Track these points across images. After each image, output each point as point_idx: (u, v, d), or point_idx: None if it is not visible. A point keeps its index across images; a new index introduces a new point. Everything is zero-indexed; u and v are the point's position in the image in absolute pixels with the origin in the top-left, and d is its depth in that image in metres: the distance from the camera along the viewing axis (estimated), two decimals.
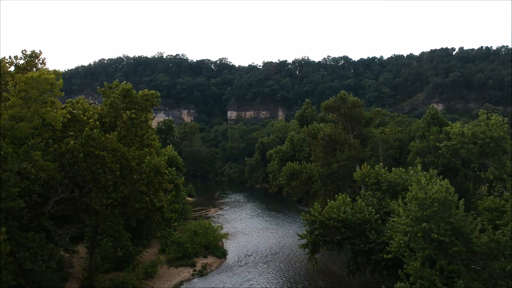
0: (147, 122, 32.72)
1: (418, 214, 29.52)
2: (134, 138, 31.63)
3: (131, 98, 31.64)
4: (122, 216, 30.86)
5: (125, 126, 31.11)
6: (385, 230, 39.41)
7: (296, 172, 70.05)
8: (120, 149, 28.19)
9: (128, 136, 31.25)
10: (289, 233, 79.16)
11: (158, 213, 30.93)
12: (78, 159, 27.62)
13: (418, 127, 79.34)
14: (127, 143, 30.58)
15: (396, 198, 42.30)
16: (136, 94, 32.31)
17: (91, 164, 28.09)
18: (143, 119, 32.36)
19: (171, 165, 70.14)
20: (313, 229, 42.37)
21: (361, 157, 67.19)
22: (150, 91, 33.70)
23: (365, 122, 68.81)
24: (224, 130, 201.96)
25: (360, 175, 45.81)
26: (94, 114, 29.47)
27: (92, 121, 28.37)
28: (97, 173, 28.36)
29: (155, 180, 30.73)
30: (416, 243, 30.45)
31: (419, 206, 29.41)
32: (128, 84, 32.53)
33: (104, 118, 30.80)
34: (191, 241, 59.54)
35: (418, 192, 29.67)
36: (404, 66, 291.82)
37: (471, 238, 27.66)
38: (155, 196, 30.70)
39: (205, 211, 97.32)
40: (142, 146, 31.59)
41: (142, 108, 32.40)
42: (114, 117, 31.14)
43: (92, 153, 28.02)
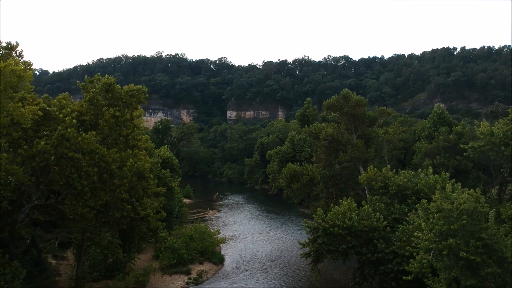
0: (132, 120, 29.17)
1: (444, 228, 25.72)
2: (117, 138, 28.21)
3: (114, 94, 27.98)
4: (102, 226, 27.44)
5: (108, 125, 27.90)
6: (394, 238, 36.25)
7: (296, 173, 66.93)
8: (98, 151, 25.22)
9: (111, 136, 28.04)
10: (289, 236, 76.20)
11: (143, 222, 27.22)
12: (49, 162, 24.34)
13: (424, 127, 76.32)
14: (110, 144, 27.35)
15: (405, 203, 39.21)
16: (120, 90, 28.67)
17: (65, 168, 24.69)
18: (128, 117, 29.12)
19: (166, 167, 67.05)
20: (316, 237, 39.02)
21: (365, 158, 64.10)
22: (136, 86, 30.11)
23: (369, 122, 65.65)
24: (223, 130, 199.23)
25: (366, 178, 42.60)
26: (73, 111, 26.21)
27: (68, 119, 25.12)
28: (71, 178, 25.05)
29: (138, 185, 27.23)
30: (441, 262, 26.30)
31: (445, 219, 25.74)
32: (111, 78, 28.64)
33: (83, 116, 27.27)
34: (187, 246, 56.45)
35: (443, 202, 25.97)
36: (405, 66, 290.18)
37: (507, 257, 23.91)
38: (140, 203, 27.31)
39: (203, 214, 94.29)
40: (127, 147, 28.21)
41: (127, 105, 28.75)
42: (95, 115, 27.60)
43: (66, 155, 24.65)
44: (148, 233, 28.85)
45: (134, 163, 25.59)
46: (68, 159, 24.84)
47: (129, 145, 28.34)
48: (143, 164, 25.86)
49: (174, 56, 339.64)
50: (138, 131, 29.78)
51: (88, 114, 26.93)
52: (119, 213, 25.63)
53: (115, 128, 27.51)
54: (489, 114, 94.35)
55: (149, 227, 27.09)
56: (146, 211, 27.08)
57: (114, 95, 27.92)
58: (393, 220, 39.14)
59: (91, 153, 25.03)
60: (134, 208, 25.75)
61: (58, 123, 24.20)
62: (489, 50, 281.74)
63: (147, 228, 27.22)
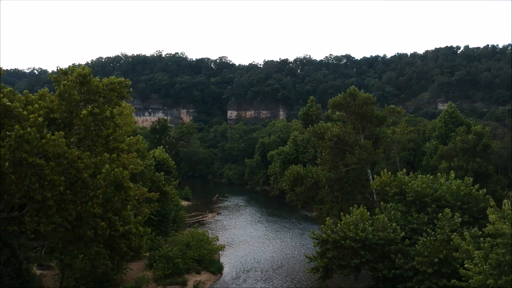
0: (113, 118, 24.72)
1: (505, 258, 20.73)
2: (96, 140, 24.10)
3: (91, 87, 23.79)
4: (73, 245, 23.00)
5: (84, 124, 23.66)
6: (413, 252, 32.10)
7: (300, 176, 62.85)
8: (67, 155, 20.56)
9: (88, 137, 23.97)
10: (292, 241, 72.46)
11: (122, 240, 22.75)
12: (4, 169, 19.69)
13: (434, 126, 72.32)
14: (87, 147, 23.13)
15: (424, 212, 35.07)
16: (98, 82, 24.16)
17: (23, 176, 20.14)
18: (108, 115, 24.90)
19: (161, 169, 63.01)
20: (325, 250, 34.65)
21: (373, 160, 60.12)
22: (118, 78, 25.67)
23: (378, 121, 61.61)
24: (224, 130, 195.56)
25: (380, 183, 38.39)
26: (43, 108, 21.92)
27: (33, 117, 20.70)
28: (31, 188, 20.28)
29: (115, 197, 22.07)
30: None
31: (506, 247, 20.75)
32: (86, 69, 24.01)
33: (53, 114, 22.97)
34: (183, 255, 52.44)
35: (502, 225, 20.61)
36: (408, 65, 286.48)
37: None
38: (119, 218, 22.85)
39: (202, 217, 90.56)
40: (107, 150, 23.89)
41: (107, 101, 24.76)
42: (68, 112, 23.31)
43: (25, 161, 19.94)
44: (129, 253, 23.95)
45: (111, 170, 21.35)
46: (28, 166, 20.07)
47: (109, 148, 23.96)
48: (122, 171, 21.15)
49: (174, 55, 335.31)
50: (120, 131, 25.22)
51: (59, 111, 22.51)
52: (92, 231, 21.29)
53: (92, 128, 23.21)
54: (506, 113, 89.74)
55: (130, 245, 22.29)
56: (127, 226, 22.52)
57: (91, 88, 23.03)
58: (411, 230, 34.88)
59: (58, 158, 20.42)
60: (111, 223, 21.23)
61: (20, 122, 19.96)
62: (493, 49, 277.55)
63: (127, 247, 22.39)
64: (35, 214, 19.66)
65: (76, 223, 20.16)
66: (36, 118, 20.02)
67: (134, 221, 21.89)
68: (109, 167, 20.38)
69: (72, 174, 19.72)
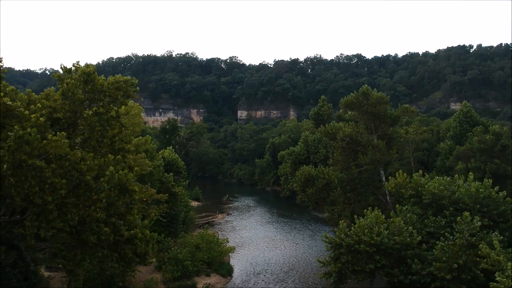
0: (118, 118, 23.79)
1: None
2: (101, 140, 23.32)
3: (95, 86, 22.92)
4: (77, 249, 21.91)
5: (89, 124, 22.79)
6: (431, 257, 30.78)
7: (311, 177, 61.66)
8: (69, 157, 19.63)
9: (93, 138, 22.86)
10: (303, 243, 71.35)
11: (127, 246, 21.51)
12: (2, 172, 18.79)
13: (449, 126, 70.69)
14: (92, 148, 22.19)
15: (442, 215, 33.74)
16: (102, 81, 23.19)
17: (23, 180, 19.06)
18: (113, 115, 23.50)
19: (170, 170, 62.14)
20: (338, 254, 33.40)
21: (386, 160, 58.75)
22: (125, 76, 24.67)
23: (391, 121, 60.26)
24: (234, 130, 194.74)
25: (395, 185, 37.07)
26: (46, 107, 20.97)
27: (34, 117, 19.90)
28: (31, 191, 19.11)
29: (119, 202, 20.75)
30: None
31: None
32: (91, 66, 23.29)
33: (56, 113, 22.10)
34: (192, 257, 51.55)
35: None
36: (420, 64, 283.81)
37: None
38: (124, 222, 21.82)
39: (212, 218, 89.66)
40: (112, 151, 22.90)
41: (113, 100, 23.61)
42: (72, 112, 22.34)
43: (24, 163, 18.83)
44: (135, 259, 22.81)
45: (116, 172, 20.74)
46: (27, 168, 18.96)
47: (114, 149, 22.94)
48: (126, 173, 20.15)
49: (185, 55, 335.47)
50: (126, 131, 24.16)
51: (62, 111, 21.53)
52: (95, 236, 20.24)
53: (97, 128, 22.27)
54: None
55: (135, 251, 21.18)
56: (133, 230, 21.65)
57: (95, 87, 21.84)
58: (428, 234, 33.54)
59: (60, 159, 19.42)
60: (116, 228, 20.17)
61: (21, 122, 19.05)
62: (506, 47, 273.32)
63: (133, 252, 21.28)
64: (35, 218, 18.68)
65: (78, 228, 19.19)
66: (38, 118, 19.09)
67: (140, 225, 20.82)
68: (113, 169, 19.34)
69: (75, 177, 18.64)
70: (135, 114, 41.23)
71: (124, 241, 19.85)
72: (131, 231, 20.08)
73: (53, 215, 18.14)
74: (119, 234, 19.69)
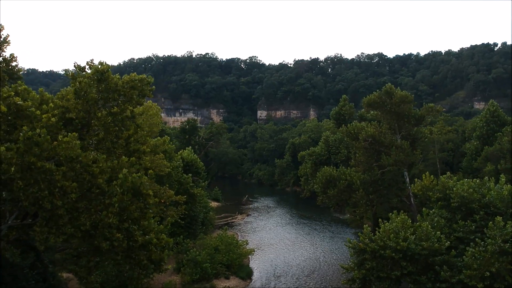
0: (134, 118, 22.68)
1: None
2: (115, 142, 22.30)
3: (109, 85, 21.90)
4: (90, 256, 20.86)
5: (103, 125, 21.81)
6: (460, 264, 29.17)
7: (333, 178, 60.24)
8: (81, 159, 18.54)
9: (107, 139, 22.14)
10: (324, 245, 70.05)
11: (142, 252, 20.40)
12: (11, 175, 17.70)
13: (475, 126, 68.47)
14: (107, 150, 21.33)
15: (471, 219, 32.11)
16: (117, 79, 22.54)
17: (32, 183, 18.01)
18: (128, 115, 22.56)
19: (189, 170, 61.46)
20: (363, 260, 31.98)
21: (410, 161, 57.05)
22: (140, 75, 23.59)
23: (415, 121, 58.47)
24: (253, 130, 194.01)
25: (421, 187, 35.48)
26: (58, 107, 20.08)
27: (45, 117, 19.02)
28: (40, 196, 17.98)
29: (132, 206, 19.34)
30: None
31: None
32: (105, 65, 22.34)
33: (69, 114, 21.23)
34: (211, 259, 50.77)
35: None
36: (442, 63, 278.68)
37: None
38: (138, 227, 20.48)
39: (231, 219, 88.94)
40: (127, 152, 21.93)
41: (128, 100, 22.84)
42: (85, 111, 21.63)
43: (33, 166, 17.80)
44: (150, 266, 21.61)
45: (129, 175, 19.47)
46: (36, 171, 17.88)
47: (129, 150, 21.97)
48: (141, 176, 19.62)
49: (205, 56, 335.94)
50: (142, 132, 23.07)
51: (75, 111, 20.68)
52: (107, 243, 19.03)
53: (112, 129, 21.72)
54: None
55: (150, 257, 19.92)
56: (148, 235, 20.38)
57: (109, 86, 21.81)
58: (456, 239, 31.91)
59: (71, 162, 18.32)
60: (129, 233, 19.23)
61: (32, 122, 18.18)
62: None
63: (147, 259, 20.05)
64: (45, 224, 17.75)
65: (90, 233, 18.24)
66: (49, 118, 18.26)
67: (155, 230, 19.75)
68: (127, 172, 18.31)
69: (86, 180, 17.64)
70: (153, 114, 40.51)
71: (138, 247, 18.80)
72: (145, 237, 19.02)
73: (64, 220, 17.15)
74: (133, 239, 18.66)
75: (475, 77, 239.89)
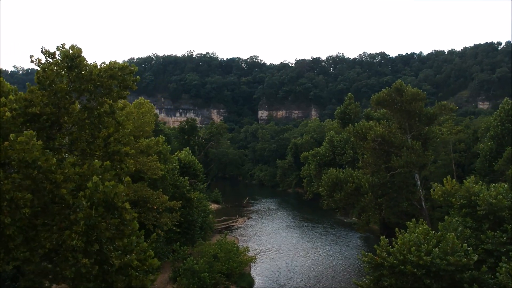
0: (114, 114, 18.68)
1: None
2: (91, 142, 18.36)
3: (82, 73, 17.61)
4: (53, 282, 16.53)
5: (77, 122, 17.80)
6: (491, 281, 25.51)
7: (340, 181, 56.72)
8: (40, 164, 14.21)
9: (82, 139, 18.19)
10: (329, 250, 66.63)
11: (120, 277, 15.53)
12: None
13: (489, 125, 64.91)
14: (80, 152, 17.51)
15: (501, 229, 28.48)
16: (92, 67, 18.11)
17: None
18: (107, 110, 18.40)
19: (187, 172, 57.88)
20: (380, 276, 28.14)
21: (422, 163, 53.59)
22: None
23: (427, 120, 55.01)
24: (254, 130, 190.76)
25: (442, 192, 31.87)
26: (20, 100, 16.32)
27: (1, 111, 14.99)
28: None
29: (102, 224, 14.53)
30: None
31: None
32: (76, 48, 17.84)
33: (33, 108, 16.81)
34: (210, 268, 47.19)
35: None
36: (445, 62, 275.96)
37: None
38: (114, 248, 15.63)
39: (231, 222, 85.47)
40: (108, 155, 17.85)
41: (106, 92, 18.55)
42: (54, 106, 17.42)
43: None
44: None
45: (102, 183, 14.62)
46: None
47: (108, 152, 17.91)
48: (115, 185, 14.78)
49: (205, 55, 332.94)
50: (125, 130, 18.82)
51: (39, 104, 16.67)
52: (71, 270, 14.34)
53: (87, 127, 17.90)
54: None
55: (130, 284, 15.40)
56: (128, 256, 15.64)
57: (82, 75, 17.66)
58: (485, 252, 28.23)
59: (26, 167, 14.07)
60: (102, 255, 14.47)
61: None
62: None
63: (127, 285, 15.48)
64: None
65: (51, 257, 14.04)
66: (2, 113, 14.39)
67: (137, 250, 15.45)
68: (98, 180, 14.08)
69: (47, 190, 13.79)
70: (145, 111, 37.00)
71: (115, 271, 14.60)
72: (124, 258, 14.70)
73: (15, 242, 13.18)
74: (108, 263, 14.42)
75: (479, 76, 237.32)
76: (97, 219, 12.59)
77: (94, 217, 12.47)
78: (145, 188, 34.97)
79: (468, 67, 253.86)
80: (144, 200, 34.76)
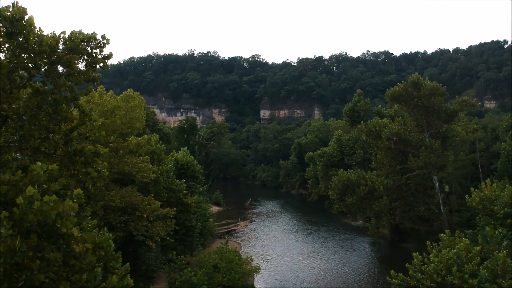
0: (76, 101, 13.20)
1: None
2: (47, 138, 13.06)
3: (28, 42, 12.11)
4: None
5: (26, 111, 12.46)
6: None
7: (351, 183, 52.11)
8: None
9: (35, 134, 13.13)
10: (336, 256, 62.45)
11: None
12: None
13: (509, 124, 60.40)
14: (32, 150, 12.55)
15: None
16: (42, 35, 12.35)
17: None
18: (67, 96, 13.23)
19: (185, 174, 53.31)
20: None
21: (442, 163, 49.01)
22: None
23: (447, 116, 50.45)
24: (256, 130, 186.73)
25: (480, 199, 27.37)
26: None
27: None
28: None
29: (34, 263, 8.53)
30: None
31: None
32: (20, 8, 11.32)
33: None
34: (209, 280, 42.66)
35: None
36: (450, 61, 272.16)
37: None
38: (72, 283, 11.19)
39: (233, 226, 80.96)
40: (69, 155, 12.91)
41: (67, 72, 13.02)
42: None
43: None
44: None
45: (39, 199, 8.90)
46: None
47: (69, 152, 12.97)
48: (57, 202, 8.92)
49: (206, 54, 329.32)
50: (94, 123, 13.59)
51: None
52: None
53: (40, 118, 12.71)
54: None
55: None
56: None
57: (29, 45, 12.04)
58: None
59: None
60: None
61: None
62: None
63: None
64: None
65: None
66: None
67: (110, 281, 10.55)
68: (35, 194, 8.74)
69: None
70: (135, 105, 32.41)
71: None
72: None
73: None
74: None
75: (485, 75, 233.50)
76: (26, 254, 7.82)
77: (19, 252, 7.71)
78: (134, 193, 30.49)
79: (474, 65, 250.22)
80: (133, 207, 30.29)
